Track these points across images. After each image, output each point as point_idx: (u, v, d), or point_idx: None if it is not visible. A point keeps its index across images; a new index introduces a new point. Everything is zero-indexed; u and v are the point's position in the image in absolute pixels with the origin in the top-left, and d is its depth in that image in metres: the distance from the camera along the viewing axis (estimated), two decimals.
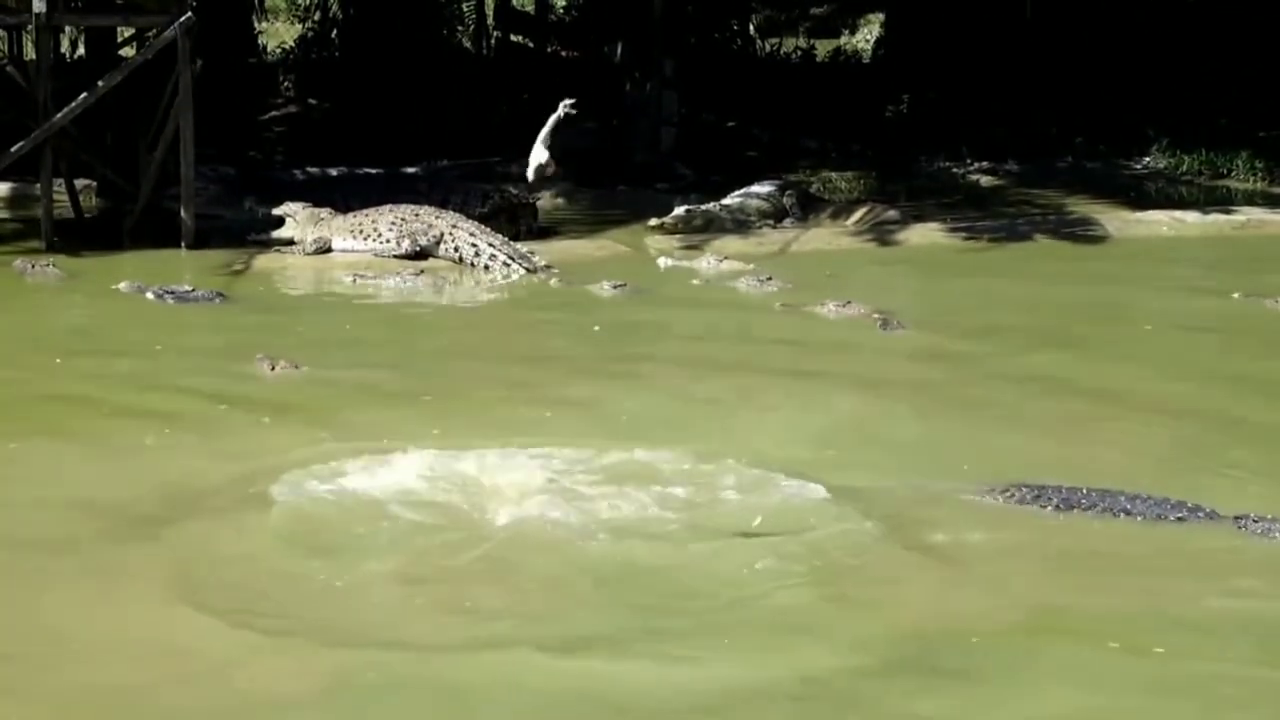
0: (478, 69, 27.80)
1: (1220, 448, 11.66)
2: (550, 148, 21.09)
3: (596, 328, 15.57)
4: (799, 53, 35.00)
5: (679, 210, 20.87)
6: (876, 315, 15.91)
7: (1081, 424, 12.41)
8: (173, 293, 16.56)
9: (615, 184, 24.46)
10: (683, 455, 10.86)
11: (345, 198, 20.76)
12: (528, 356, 14.53)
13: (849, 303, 16.24)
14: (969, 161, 26.46)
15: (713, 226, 20.76)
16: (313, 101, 29.86)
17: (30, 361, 14.01)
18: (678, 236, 20.43)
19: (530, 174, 20.88)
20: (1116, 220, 21.80)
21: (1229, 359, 14.67)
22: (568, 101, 20.43)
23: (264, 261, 18.89)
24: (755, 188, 22.23)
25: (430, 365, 14.29)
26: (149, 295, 16.53)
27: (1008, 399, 13.15)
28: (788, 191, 22.38)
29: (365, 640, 8.16)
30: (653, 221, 20.73)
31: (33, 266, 17.80)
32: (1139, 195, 24.28)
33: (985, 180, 25.62)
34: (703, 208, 21.16)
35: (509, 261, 18.43)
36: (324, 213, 19.51)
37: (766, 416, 12.58)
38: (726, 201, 21.57)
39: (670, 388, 13.43)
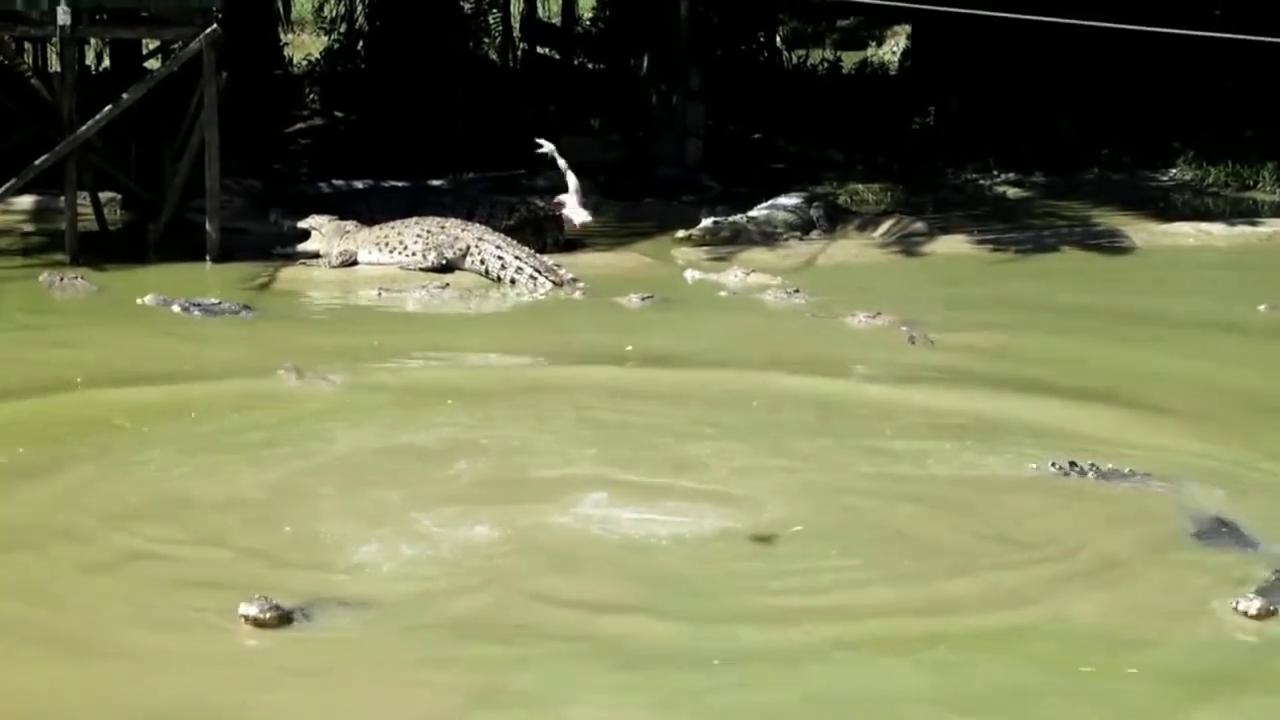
0: (504, 81, 27.76)
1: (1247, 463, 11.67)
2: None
3: (629, 347, 15.50)
4: (825, 64, 34.93)
5: (706, 222, 20.82)
6: (904, 327, 15.85)
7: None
8: (199, 305, 16.54)
9: (641, 196, 24.40)
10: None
11: (371, 211, 20.72)
12: (555, 375, 14.48)
13: (878, 314, 16.18)
14: (995, 173, 26.40)
15: (740, 238, 20.70)
16: (338, 114, 29.85)
17: (56, 375, 14.00)
18: (705, 249, 20.37)
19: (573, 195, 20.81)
20: (1143, 232, 21.73)
21: (1255, 370, 14.60)
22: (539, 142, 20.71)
23: (289, 274, 18.85)
24: (782, 200, 22.18)
25: (458, 380, 14.25)
26: (175, 308, 16.53)
27: None
28: (814, 203, 22.32)
29: None
30: (680, 233, 20.67)
31: (59, 280, 17.76)
32: (1165, 207, 24.20)
33: (1012, 192, 25.54)
34: (730, 220, 21.11)
35: (535, 274, 18.37)
36: (350, 225, 19.48)
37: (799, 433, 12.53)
38: (753, 213, 21.51)
39: (706, 402, 13.38)
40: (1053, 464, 11.29)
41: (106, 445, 11.96)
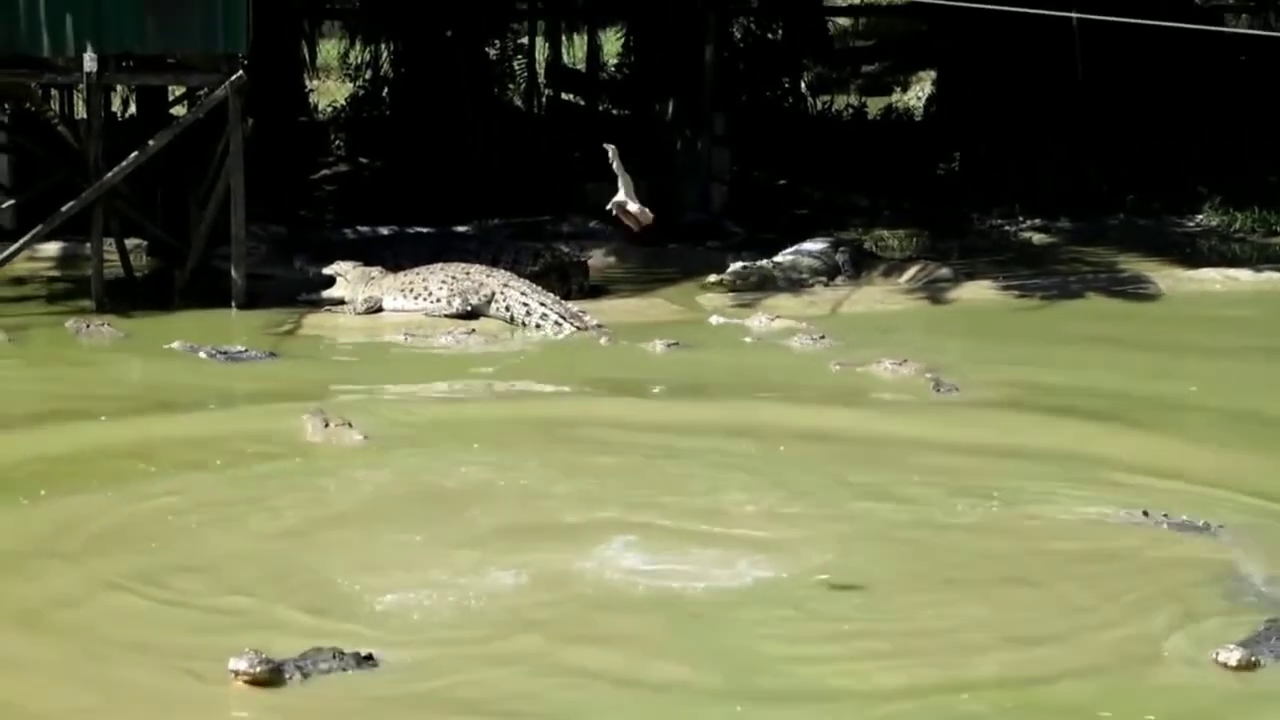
0: (528, 127, 27.79)
1: None
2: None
3: (656, 390, 15.46)
4: (850, 110, 34.90)
5: (733, 267, 20.78)
6: (929, 375, 15.80)
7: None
8: (225, 352, 16.54)
9: (666, 242, 24.35)
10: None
11: (396, 256, 20.74)
12: (582, 419, 14.45)
13: (904, 361, 16.12)
14: (1021, 219, 26.33)
15: (765, 284, 20.66)
16: (364, 160, 29.89)
17: (80, 419, 14.02)
18: (730, 294, 20.32)
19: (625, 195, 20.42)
20: (1169, 278, 21.66)
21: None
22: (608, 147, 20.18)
23: (315, 321, 18.87)
24: (807, 245, 22.14)
25: (483, 424, 14.21)
26: (201, 355, 16.53)
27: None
28: (840, 249, 22.27)
29: None
30: (711, 278, 20.58)
31: (86, 326, 17.79)
32: (1191, 252, 24.10)
33: (1037, 238, 25.48)
34: (755, 265, 21.06)
35: (560, 320, 18.35)
36: (375, 272, 19.50)
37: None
38: (778, 259, 21.47)
39: (737, 453, 13.31)
40: (1124, 512, 11.25)
41: (124, 487, 11.97)
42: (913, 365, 16.09)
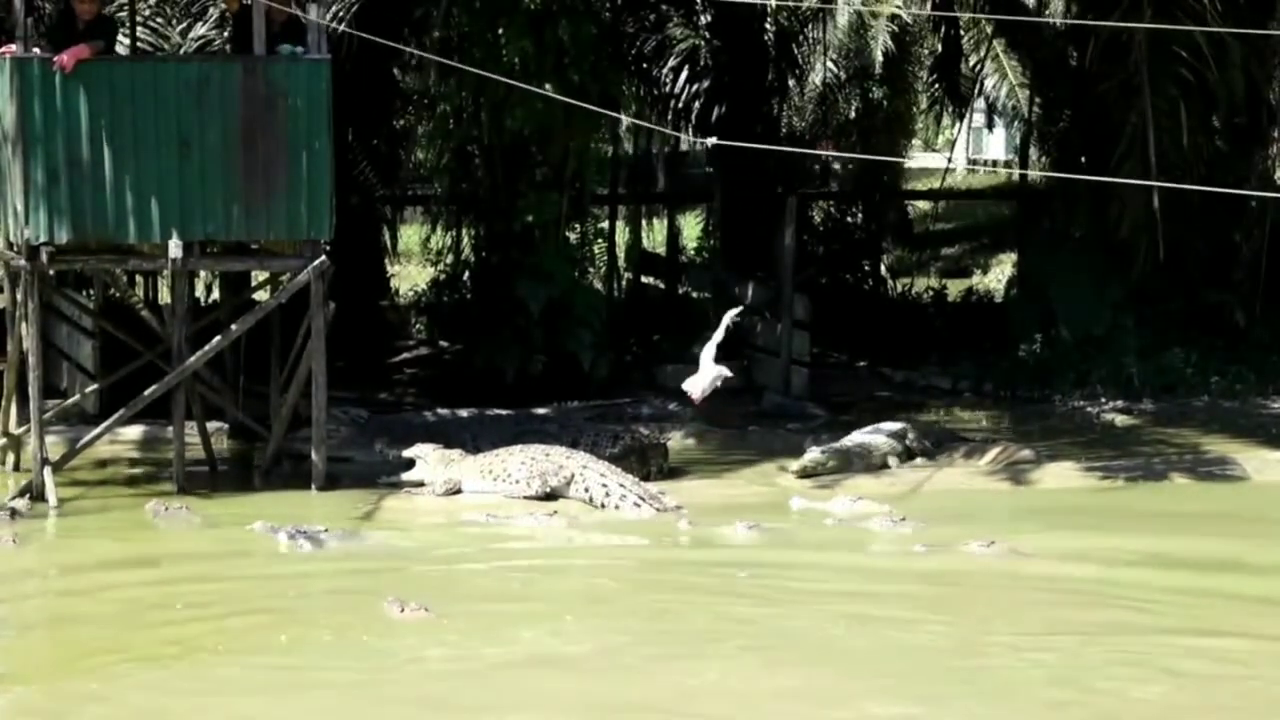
0: (609, 310, 27.89)
1: None
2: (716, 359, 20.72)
3: (742, 575, 15.36)
4: (930, 292, 34.98)
5: (813, 451, 20.62)
6: (1019, 556, 15.71)
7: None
8: (305, 533, 16.53)
9: (746, 424, 24.32)
10: None
11: (475, 439, 20.78)
12: (667, 610, 14.35)
13: (992, 543, 15.99)
14: (1104, 401, 26.16)
15: (845, 466, 20.53)
16: (444, 343, 30.04)
17: (156, 603, 14.07)
18: (810, 477, 20.20)
19: (701, 391, 20.33)
20: (1255, 460, 21.37)
21: None
22: (734, 311, 20.08)
23: (394, 503, 18.86)
24: (886, 426, 22.01)
25: (567, 613, 14.14)
26: (281, 536, 16.53)
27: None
28: (920, 431, 22.17)
29: None
30: (794, 466, 20.40)
31: (165, 509, 17.82)
32: (1278, 434, 23.84)
33: (1120, 419, 25.26)
34: (835, 447, 20.94)
35: (639, 502, 18.30)
36: (454, 454, 19.54)
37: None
38: (859, 440, 21.34)
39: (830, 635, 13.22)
40: None
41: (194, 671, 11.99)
42: (1000, 546, 15.97)
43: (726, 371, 19.32)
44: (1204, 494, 19.94)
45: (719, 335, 19.43)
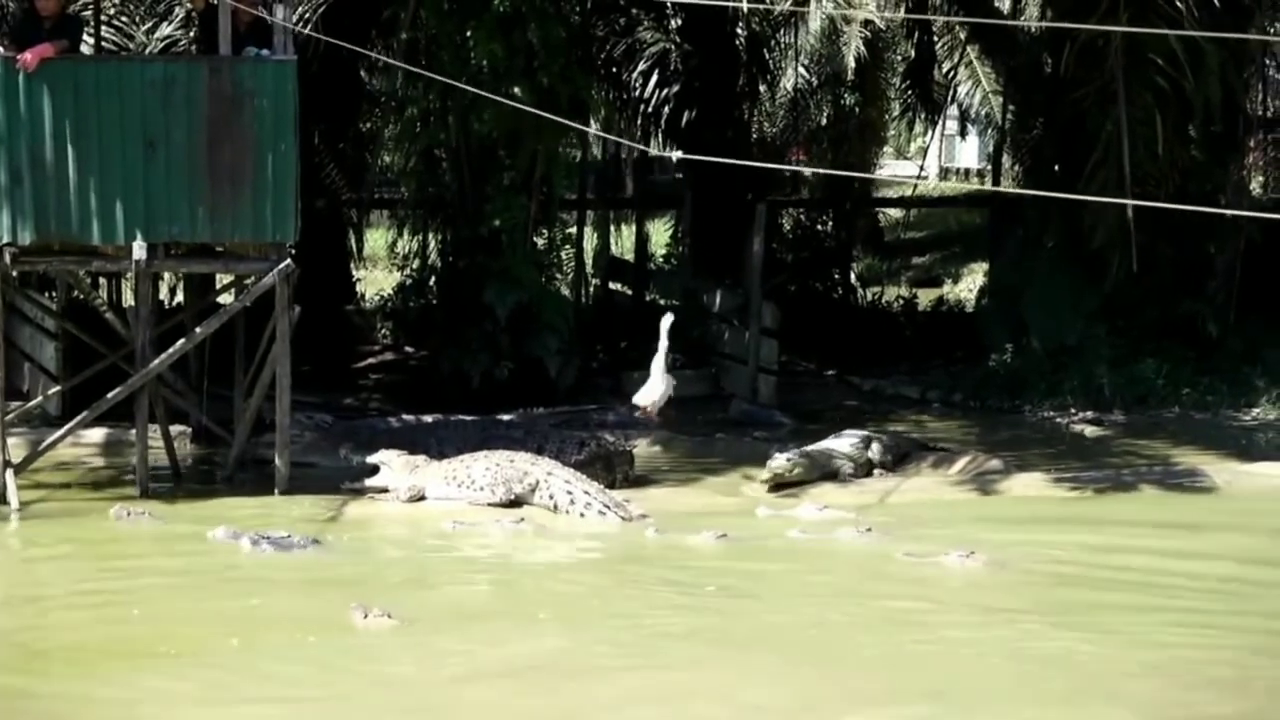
0: (576, 316, 27.77)
1: None
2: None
3: (710, 588, 15.25)
4: (901, 301, 34.94)
5: (779, 458, 20.47)
6: (998, 566, 15.77)
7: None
8: (268, 539, 16.37)
9: (712, 432, 24.22)
10: None
11: (440, 445, 20.64)
12: (634, 618, 14.23)
13: (971, 553, 15.93)
14: (1073, 412, 26.10)
15: (812, 474, 20.40)
16: (410, 349, 29.91)
17: (115, 611, 13.92)
18: (777, 485, 20.07)
19: (652, 404, 20.21)
20: (1225, 472, 21.28)
21: None
22: (668, 319, 19.97)
23: (358, 509, 18.70)
24: (854, 434, 21.88)
25: (532, 620, 14.01)
26: (244, 542, 16.36)
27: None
28: (888, 440, 22.03)
29: None
30: (764, 475, 20.24)
31: (127, 514, 17.66)
32: (1248, 445, 23.79)
33: (1090, 431, 25.20)
34: (802, 455, 20.79)
35: (604, 510, 18.18)
36: (419, 460, 19.39)
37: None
38: (826, 448, 21.21)
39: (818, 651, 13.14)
40: None
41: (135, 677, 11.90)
42: (981, 557, 15.91)
43: (673, 381, 19.36)
44: (1171, 501, 19.87)
45: (664, 345, 19.40)
